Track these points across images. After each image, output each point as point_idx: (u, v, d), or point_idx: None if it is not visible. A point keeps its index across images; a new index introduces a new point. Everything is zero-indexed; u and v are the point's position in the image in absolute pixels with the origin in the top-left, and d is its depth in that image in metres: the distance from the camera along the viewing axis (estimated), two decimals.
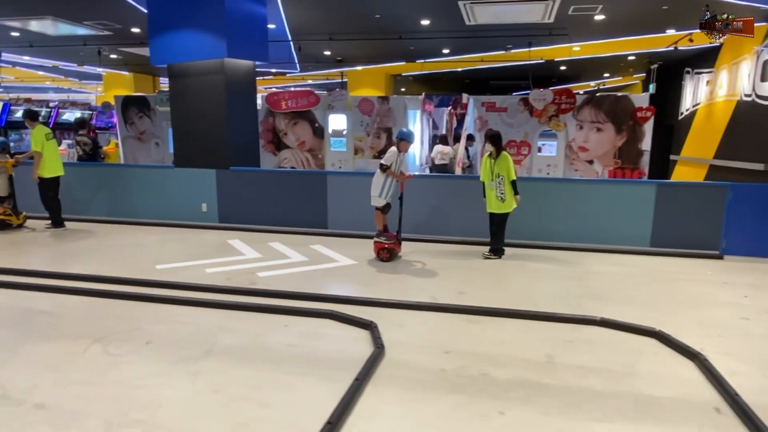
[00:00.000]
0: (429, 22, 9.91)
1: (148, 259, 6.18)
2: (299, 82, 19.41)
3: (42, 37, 12.21)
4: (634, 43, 11.76)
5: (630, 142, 9.04)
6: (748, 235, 6.72)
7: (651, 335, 4.05)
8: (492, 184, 6.32)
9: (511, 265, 6.15)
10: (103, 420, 2.78)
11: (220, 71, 7.97)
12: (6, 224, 7.76)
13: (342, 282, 5.43)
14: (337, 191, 7.89)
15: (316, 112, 10.38)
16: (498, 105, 9.35)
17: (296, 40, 11.78)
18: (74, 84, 23.98)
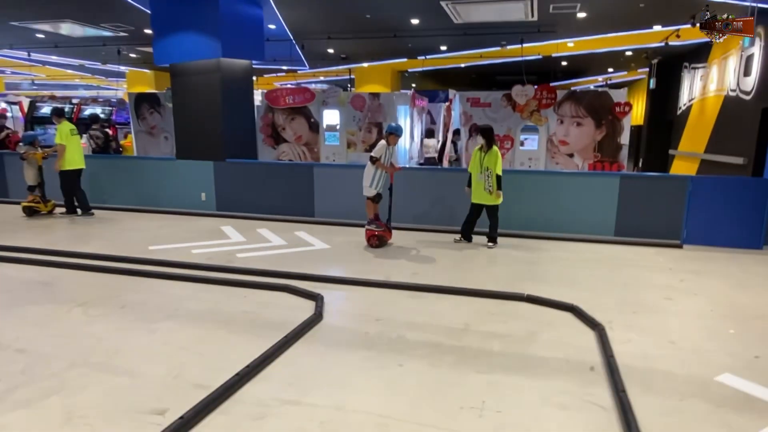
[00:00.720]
0: (418, 21, 10.33)
1: (144, 241, 6.84)
2: (310, 78, 20.02)
3: (64, 38, 13.07)
4: (628, 39, 11.93)
5: (609, 136, 9.31)
6: (707, 225, 7.00)
7: (567, 310, 4.47)
8: (480, 176, 6.58)
9: (478, 251, 6.58)
10: (68, 361, 3.38)
11: (217, 70, 8.57)
12: (35, 211, 8.50)
13: (310, 262, 5.95)
14: (322, 182, 8.43)
15: (311, 107, 10.95)
16: (482, 100, 9.73)
17: (298, 39, 12.34)
18: (101, 81, 25.12)
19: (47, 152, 8.65)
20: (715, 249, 6.84)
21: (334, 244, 6.89)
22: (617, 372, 3.30)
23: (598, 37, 11.70)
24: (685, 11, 9.25)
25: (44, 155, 8.59)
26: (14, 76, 22.96)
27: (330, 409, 2.88)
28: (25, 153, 8.45)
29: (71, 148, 8.38)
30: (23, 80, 23.62)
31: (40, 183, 8.57)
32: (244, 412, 2.84)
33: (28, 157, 8.43)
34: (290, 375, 3.27)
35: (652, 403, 3.00)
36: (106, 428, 2.64)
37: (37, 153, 8.54)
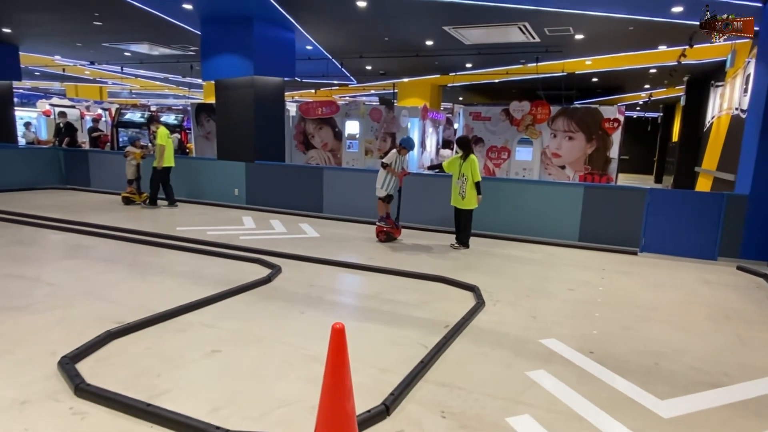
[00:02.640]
0: (433, 43, 11.33)
1: (176, 223, 8.39)
2: (360, 92, 21.45)
3: (146, 56, 15.32)
4: (642, 58, 12.20)
5: (599, 150, 9.78)
6: (666, 235, 7.46)
7: (469, 289, 5.34)
8: (458, 181, 7.17)
9: (441, 246, 7.50)
10: (77, 292, 4.80)
11: (251, 86, 10.08)
12: (130, 201, 10.09)
13: (294, 245, 7.15)
14: (330, 183, 9.65)
15: (336, 118, 12.25)
16: (483, 114, 10.53)
17: (336, 58, 13.72)
18: (185, 91, 28.07)
19: (146, 152, 10.16)
20: (670, 258, 7.29)
21: (324, 234, 8.07)
22: (459, 329, 4.20)
23: (613, 56, 12.07)
24: (678, 33, 9.60)
25: (143, 154, 10.12)
26: (114, 86, 26.30)
27: (231, 330, 4.04)
28: (127, 151, 10.07)
29: (168, 148, 9.79)
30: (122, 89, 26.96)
31: (137, 177, 10.12)
32: (173, 327, 4.07)
33: (130, 155, 10.04)
34: (218, 311, 4.47)
35: (469, 349, 3.89)
36: (82, 329, 3.95)
37: (137, 152, 10.08)
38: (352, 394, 2.36)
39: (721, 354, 4.02)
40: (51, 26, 11.59)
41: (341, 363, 2.48)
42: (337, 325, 2.35)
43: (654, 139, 24.81)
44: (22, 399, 2.97)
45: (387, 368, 3.49)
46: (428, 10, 8.73)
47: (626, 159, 26.89)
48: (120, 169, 10.86)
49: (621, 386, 3.39)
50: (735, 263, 7.00)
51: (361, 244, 7.45)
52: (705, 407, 3.18)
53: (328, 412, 2.33)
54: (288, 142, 12.73)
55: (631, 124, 27.60)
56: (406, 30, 10.37)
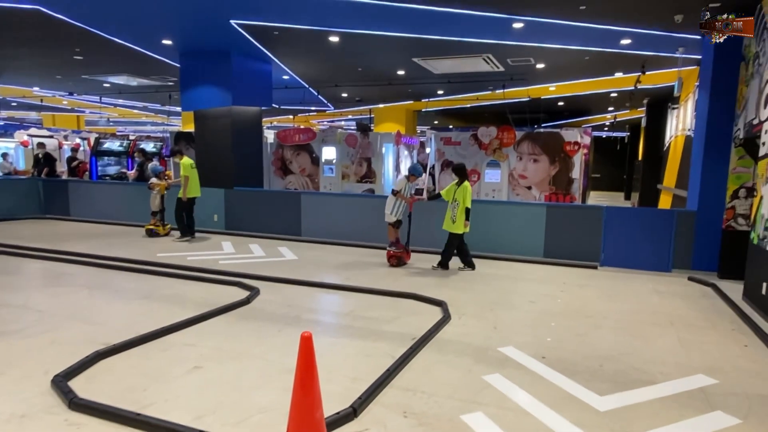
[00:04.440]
0: (404, 72, 11.92)
1: (156, 250, 8.63)
2: (337, 117, 22.03)
3: (125, 86, 15.65)
4: (602, 84, 12.96)
5: (562, 171, 10.38)
6: (623, 250, 7.99)
7: (437, 304, 5.73)
8: (451, 206, 7.36)
9: (420, 265, 7.89)
10: (64, 317, 5.06)
11: (229, 115, 10.48)
12: (154, 233, 9.93)
13: (272, 268, 7.47)
14: (308, 207, 10.03)
15: (314, 144, 12.72)
16: (453, 139, 11.10)
17: (313, 86, 14.24)
18: (165, 119, 28.34)
19: (170, 183, 10.15)
20: (627, 271, 7.80)
21: (302, 257, 8.40)
22: (426, 340, 4.57)
23: (575, 82, 12.81)
24: (631, 62, 10.33)
25: (167, 186, 10.06)
26: (92, 115, 26.46)
27: (212, 348, 4.35)
28: (152, 184, 9.89)
29: (192, 179, 9.55)
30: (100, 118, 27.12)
31: (161, 209, 10.03)
32: (157, 347, 4.36)
33: (154, 187, 9.88)
34: (200, 331, 4.77)
35: (433, 358, 4.26)
36: (72, 350, 4.22)
37: (162, 184, 9.97)
38: (320, 396, 2.71)
39: (661, 355, 4.46)
40: (30, 60, 11.88)
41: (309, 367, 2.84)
42: (305, 334, 2.72)
43: (623, 158, 25.79)
44: (21, 413, 3.24)
45: (358, 377, 3.84)
46: (397, 44, 9.30)
47: (597, 177, 27.96)
48: (100, 198, 11.11)
49: (566, 386, 3.79)
50: (687, 274, 7.53)
51: (338, 265, 7.80)
52: (638, 401, 3.59)
53: (298, 412, 2.68)
54: (266, 168, 13.10)
55: (601, 144, 28.67)
56: (377, 61, 10.95)
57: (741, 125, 7.10)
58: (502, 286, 6.71)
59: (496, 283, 6.90)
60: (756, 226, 6.08)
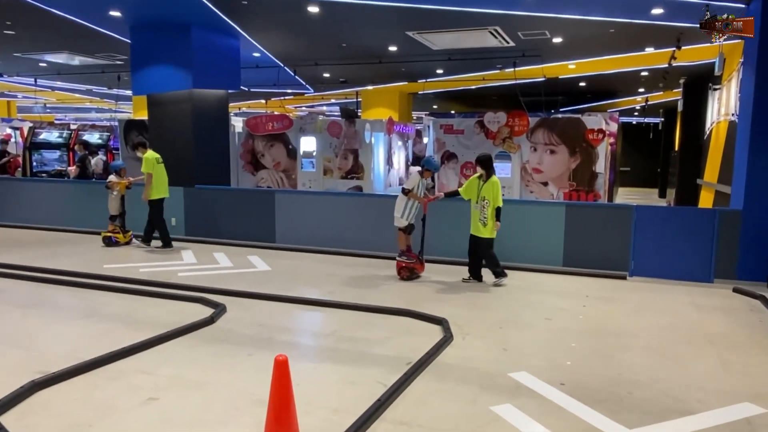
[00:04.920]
0: (396, 49, 11.98)
1: (102, 260, 8.62)
2: (318, 101, 22.08)
3: (65, 66, 15.60)
4: (631, 61, 13.09)
5: (583, 164, 10.47)
6: (656, 257, 8.06)
7: (437, 323, 5.77)
8: (477, 206, 7.33)
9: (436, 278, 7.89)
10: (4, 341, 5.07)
11: (189, 100, 10.49)
12: (114, 241, 9.76)
13: (241, 281, 7.47)
14: (284, 208, 10.04)
15: (290, 134, 12.75)
16: (455, 127, 11.16)
17: (288, 65, 14.27)
18: (112, 105, 28.23)
19: (132, 181, 10.04)
20: (661, 281, 7.87)
21: (277, 267, 8.42)
22: (423, 365, 4.61)
23: (598, 59, 12.92)
24: (663, 35, 10.45)
25: (129, 185, 9.91)
26: (26, 100, 26.31)
27: (169, 377, 4.36)
28: (110, 183, 9.73)
29: (158, 176, 9.50)
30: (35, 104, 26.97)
31: (121, 213, 9.89)
32: (104, 375, 4.36)
33: (113, 186, 9.74)
34: (155, 356, 4.78)
35: (432, 386, 4.29)
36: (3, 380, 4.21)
37: (122, 182, 9.83)
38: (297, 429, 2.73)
39: (699, 380, 4.51)
40: None
41: (285, 398, 2.87)
42: (280, 357, 2.74)
43: (657, 148, 26.00)
44: None
45: (341, 409, 3.86)
46: (387, 15, 9.35)
47: (626, 171, 28.20)
48: (35, 199, 11.05)
49: (589, 417, 3.83)
50: (731, 285, 7.61)
51: (319, 277, 7.83)
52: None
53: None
54: (234, 163, 13.13)
55: (630, 132, 28.92)
56: (365, 36, 10.99)
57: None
58: (514, 301, 6.76)
59: (506, 296, 6.94)
60: None
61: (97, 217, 11.17)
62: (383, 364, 4.69)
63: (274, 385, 3.02)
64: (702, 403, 4.09)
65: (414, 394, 4.15)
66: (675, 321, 6.06)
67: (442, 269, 8.28)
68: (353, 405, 3.88)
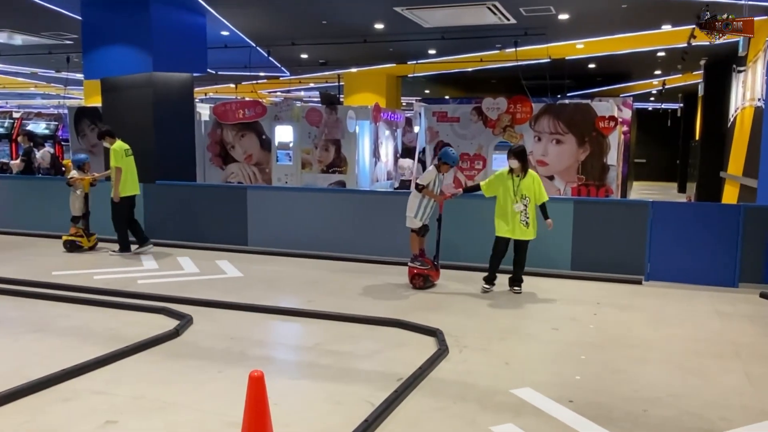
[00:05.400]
0: (383, 26, 12.02)
1: (50, 266, 8.58)
2: (295, 86, 22.10)
3: (5, 46, 15.47)
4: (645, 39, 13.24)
5: (594, 155, 10.57)
6: (675, 259, 8.16)
7: (431, 334, 5.81)
8: (517, 205, 7.26)
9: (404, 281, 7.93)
10: None
11: (149, 85, 10.46)
12: (77, 246, 9.65)
13: (210, 289, 7.48)
14: (257, 207, 10.04)
15: (263, 123, 12.76)
16: (450, 115, 11.21)
17: (260, 45, 14.26)
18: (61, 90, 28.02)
19: (96, 177, 9.87)
20: (681, 286, 7.98)
21: (250, 273, 8.44)
22: (415, 381, 4.64)
23: (610, 38, 13.05)
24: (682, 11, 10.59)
25: (93, 181, 9.80)
26: None
27: (129, 397, 4.36)
28: (72, 179, 9.62)
29: (127, 171, 9.42)
30: None
31: (85, 213, 9.73)
32: (55, 396, 4.35)
33: (76, 183, 9.63)
34: (113, 374, 4.78)
35: (426, 404, 4.33)
36: None
37: (86, 179, 9.70)
38: None
39: (723, 396, 4.58)
40: None
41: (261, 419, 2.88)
42: (255, 373, 2.76)
43: (676, 137, 26.29)
44: None
45: (326, 430, 3.89)
46: None
47: (642, 163, 28.49)
48: None
49: None
50: (759, 290, 7.73)
51: (297, 283, 7.85)
52: None
53: None
54: (200, 155, 13.08)
55: (646, 119, 29.20)
56: (347, 12, 11.01)
57: None
58: (516, 309, 6.82)
59: (508, 304, 7.01)
60: None
61: (44, 218, 11.19)
62: (371, 381, 4.72)
63: (249, 405, 3.04)
64: (726, 421, 4.16)
65: (405, 413, 4.18)
66: (696, 331, 6.14)
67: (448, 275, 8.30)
68: (338, 427, 3.91)
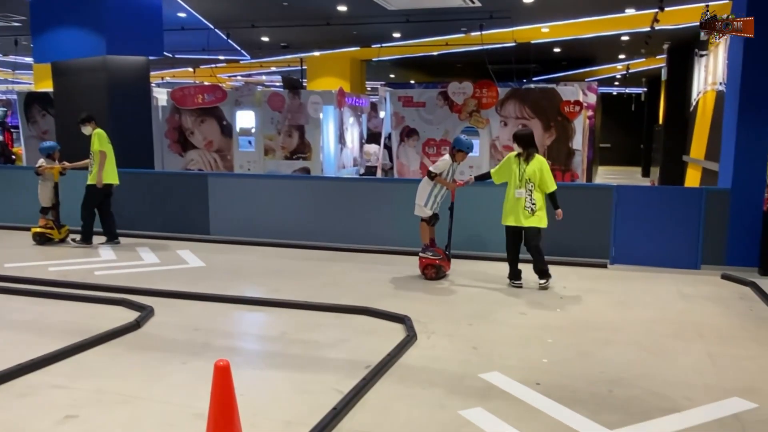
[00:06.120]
0: (347, 8, 11.98)
1: (3, 259, 8.40)
2: (256, 70, 21.90)
3: None
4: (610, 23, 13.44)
5: (559, 140, 10.73)
6: (640, 242, 8.34)
7: (399, 321, 5.86)
8: (520, 192, 7.07)
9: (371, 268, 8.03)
10: None
11: (102, 68, 10.27)
12: (47, 238, 9.41)
13: (171, 280, 7.41)
14: (219, 195, 9.95)
15: (224, 108, 12.64)
16: (415, 99, 11.25)
17: (219, 27, 14.08)
18: (8, 74, 27.28)
19: (67, 166, 9.54)
20: (645, 269, 8.17)
21: (212, 262, 8.38)
22: (383, 368, 4.69)
23: (575, 22, 13.21)
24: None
25: (63, 170, 9.52)
26: None
27: (90, 391, 4.32)
28: (41, 167, 9.34)
29: (111, 157, 9.23)
30: None
31: (55, 204, 9.48)
32: (12, 391, 4.29)
33: (45, 172, 9.37)
34: (72, 368, 4.73)
35: (394, 390, 4.38)
36: None
37: (55, 167, 9.44)
38: None
39: (686, 376, 4.74)
40: None
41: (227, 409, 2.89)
42: (221, 363, 2.76)
43: (640, 122, 26.78)
44: None
45: (294, 420, 3.91)
46: None
47: (607, 147, 28.96)
48: None
49: (567, 419, 3.98)
50: (720, 271, 7.96)
51: (261, 272, 7.84)
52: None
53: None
54: (158, 142, 12.89)
55: (611, 103, 29.69)
56: None
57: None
58: (484, 294, 6.93)
59: (476, 290, 7.11)
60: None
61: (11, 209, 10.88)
62: (339, 369, 4.75)
63: (215, 395, 3.04)
64: (689, 400, 4.30)
65: (374, 400, 4.22)
66: (660, 312, 6.32)
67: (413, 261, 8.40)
68: (306, 415, 3.93)
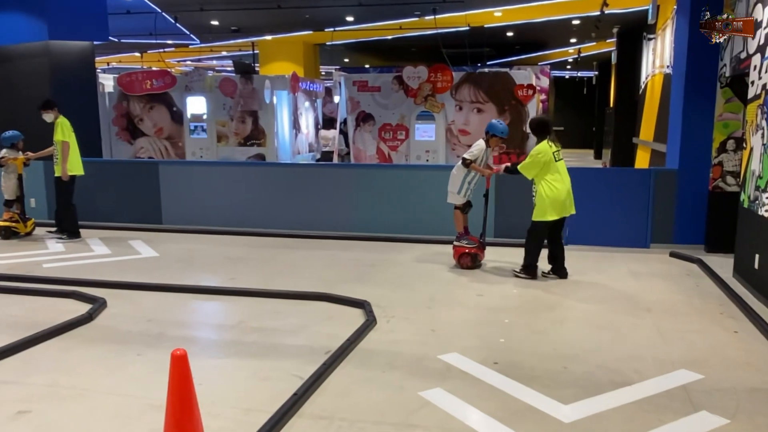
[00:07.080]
0: None
1: None
2: (207, 54, 21.58)
3: None
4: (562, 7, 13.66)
5: (513, 124, 10.89)
6: (592, 223, 8.55)
7: (358, 306, 5.92)
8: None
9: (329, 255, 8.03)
10: None
11: (44, 54, 10.00)
12: (12, 232, 9.13)
13: (123, 271, 7.32)
14: (170, 183, 9.83)
15: (173, 94, 12.46)
16: (370, 84, 11.28)
17: (166, 10, 13.82)
18: None
19: (30, 156, 9.26)
20: (597, 249, 8.42)
21: (165, 252, 8.30)
22: (343, 353, 4.75)
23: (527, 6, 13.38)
24: None
25: (26, 161, 9.25)
26: None
27: (42, 385, 4.26)
28: (3, 158, 9.06)
29: (74, 148, 8.92)
30: None
31: (19, 197, 9.26)
32: None
33: (8, 163, 9.08)
34: (22, 363, 4.66)
35: (355, 374, 4.44)
36: None
37: (19, 158, 9.17)
38: None
39: (636, 350, 4.93)
40: None
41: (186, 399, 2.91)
42: (177, 352, 2.77)
43: (592, 105, 27.32)
44: None
45: (254, 408, 3.93)
46: None
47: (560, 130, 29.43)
48: None
49: (524, 395, 4.11)
50: (669, 249, 8.26)
51: (216, 261, 7.81)
52: (610, 407, 3.97)
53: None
54: (106, 130, 12.65)
55: (563, 87, 30.22)
56: None
57: (727, 60, 7.82)
58: (441, 278, 7.04)
59: (433, 274, 7.22)
60: (746, 185, 6.78)
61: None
62: (299, 356, 4.79)
63: (172, 385, 3.05)
64: (639, 374, 4.48)
65: (335, 385, 4.28)
66: (612, 291, 6.53)
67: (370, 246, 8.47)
68: (267, 402, 3.96)
